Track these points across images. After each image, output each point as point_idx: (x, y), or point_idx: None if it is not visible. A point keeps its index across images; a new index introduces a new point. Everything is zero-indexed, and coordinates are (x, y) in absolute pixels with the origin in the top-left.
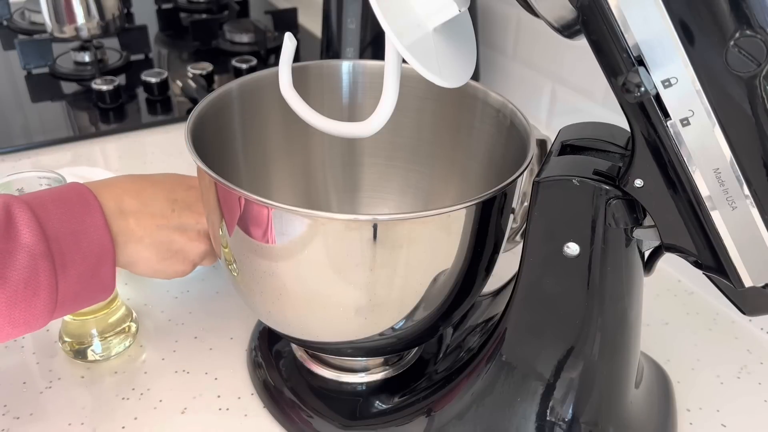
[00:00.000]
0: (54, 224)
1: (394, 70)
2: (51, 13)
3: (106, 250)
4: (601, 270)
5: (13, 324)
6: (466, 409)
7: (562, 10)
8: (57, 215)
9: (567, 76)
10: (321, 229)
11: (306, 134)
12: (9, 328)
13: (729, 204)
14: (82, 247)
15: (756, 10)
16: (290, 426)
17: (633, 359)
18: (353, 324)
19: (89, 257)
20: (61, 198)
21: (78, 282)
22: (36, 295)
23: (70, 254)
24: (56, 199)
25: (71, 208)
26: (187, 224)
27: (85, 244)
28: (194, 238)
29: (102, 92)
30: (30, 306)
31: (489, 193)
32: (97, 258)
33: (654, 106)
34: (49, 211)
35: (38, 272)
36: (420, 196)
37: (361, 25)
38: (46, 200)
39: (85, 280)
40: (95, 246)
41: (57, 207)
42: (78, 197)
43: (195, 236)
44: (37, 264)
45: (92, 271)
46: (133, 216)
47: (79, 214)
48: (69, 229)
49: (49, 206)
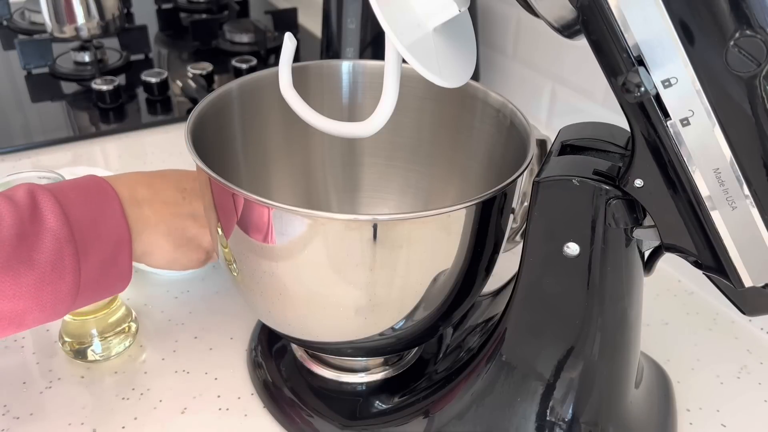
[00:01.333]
0: (75, 211)
1: (394, 70)
2: (51, 13)
3: (123, 238)
4: (601, 270)
5: (42, 307)
6: (466, 409)
7: (562, 10)
8: (78, 203)
9: (567, 76)
10: (321, 229)
11: (306, 134)
12: (38, 311)
13: (729, 204)
14: (101, 235)
15: (756, 10)
16: (290, 426)
17: (633, 359)
18: (353, 324)
19: (108, 244)
20: (81, 187)
21: (98, 268)
22: (62, 278)
23: (91, 240)
24: (76, 188)
25: (91, 196)
26: (198, 211)
27: (104, 231)
28: (206, 225)
29: (102, 92)
30: (57, 289)
31: (489, 193)
32: (115, 245)
33: (654, 106)
34: (70, 199)
35: (63, 256)
36: (420, 196)
37: (361, 25)
38: (67, 189)
39: (105, 267)
40: (113, 233)
41: (77, 195)
42: (96, 186)
43: (206, 222)
44: (62, 247)
45: (111, 258)
46: (147, 204)
47: (98, 202)
48: (89, 216)
49: (69, 194)
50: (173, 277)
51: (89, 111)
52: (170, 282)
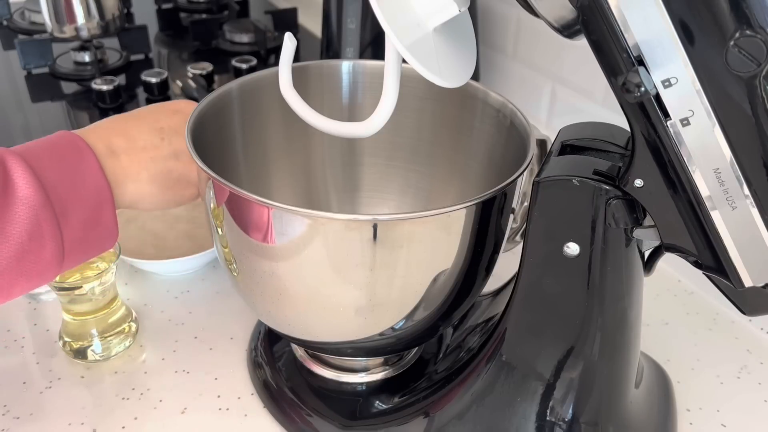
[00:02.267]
0: (49, 174)
1: (394, 70)
2: (51, 13)
3: (103, 194)
4: (601, 270)
5: (27, 277)
6: (466, 409)
7: (562, 10)
8: (51, 164)
9: (567, 76)
10: (321, 229)
11: (306, 134)
12: (24, 281)
13: (729, 204)
14: (80, 194)
15: (756, 10)
16: (290, 426)
17: (633, 359)
18: (353, 324)
19: (88, 203)
20: (53, 147)
21: (81, 229)
22: (42, 246)
23: (70, 201)
24: (48, 148)
25: (64, 155)
26: (180, 150)
27: (83, 190)
28: (191, 161)
29: (102, 92)
30: (38, 257)
31: (489, 193)
32: (95, 203)
33: (654, 106)
34: (43, 161)
35: (40, 223)
36: (420, 196)
37: (361, 25)
38: (38, 151)
39: (89, 226)
40: (93, 191)
41: (50, 156)
42: (69, 144)
43: (191, 159)
44: (39, 215)
45: (94, 216)
46: (124, 153)
47: (72, 161)
48: (65, 177)
49: (42, 156)
50: (173, 277)
51: (89, 111)
52: (170, 282)
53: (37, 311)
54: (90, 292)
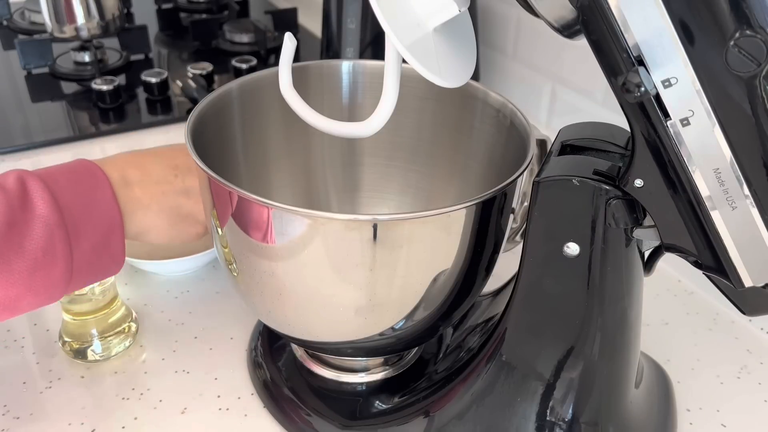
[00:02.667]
0: (66, 196)
1: (394, 70)
2: (51, 13)
3: (114, 221)
4: (601, 270)
5: (35, 292)
6: (465, 409)
7: (562, 10)
8: (68, 188)
9: (567, 76)
10: (321, 229)
11: (306, 134)
12: (31, 296)
13: (729, 204)
14: (93, 218)
15: (756, 10)
16: (290, 426)
17: (633, 359)
18: (353, 324)
19: (100, 228)
20: (71, 171)
21: (91, 252)
22: (54, 263)
23: (83, 225)
24: (66, 173)
25: (81, 180)
26: (191, 187)
27: (96, 215)
28: (201, 200)
29: (102, 92)
30: (49, 274)
31: (489, 193)
32: (106, 228)
33: (654, 106)
34: (60, 184)
35: (54, 241)
36: (420, 196)
37: (361, 25)
38: (56, 174)
39: (98, 250)
40: (105, 217)
41: (67, 180)
42: (86, 171)
43: (200, 197)
44: (53, 233)
45: (103, 241)
46: (137, 185)
47: (88, 187)
48: (80, 200)
49: (60, 179)
50: (173, 277)
51: (89, 111)
52: (170, 282)
53: (37, 311)
54: (90, 292)
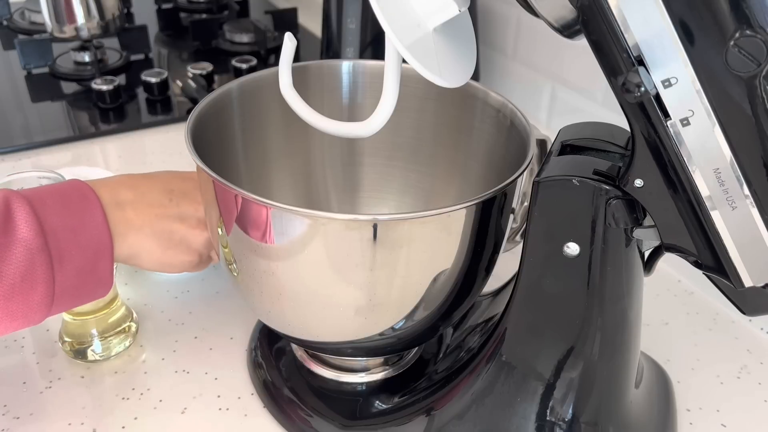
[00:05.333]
0: (52, 219)
1: (394, 70)
2: (51, 13)
3: (104, 245)
4: (601, 270)
5: (12, 317)
6: (466, 409)
7: (562, 10)
8: (55, 210)
9: (567, 76)
10: (321, 229)
11: (306, 134)
12: (8, 321)
13: (729, 204)
14: (80, 242)
15: (756, 10)
16: (290, 426)
17: (633, 359)
18: (353, 324)
19: (87, 252)
20: (60, 193)
21: (76, 276)
22: (33, 288)
23: (68, 249)
24: (55, 194)
25: (70, 203)
26: (186, 213)
27: (84, 238)
28: (195, 226)
29: (102, 92)
30: (27, 299)
31: (489, 193)
32: (94, 252)
33: (654, 106)
34: (48, 206)
35: (35, 266)
36: (420, 196)
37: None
38: (45, 196)
39: (83, 274)
40: (93, 240)
41: (55, 202)
42: (76, 193)
43: (195, 224)
44: (34, 258)
45: (90, 265)
46: (130, 206)
47: (77, 210)
48: (67, 224)
49: (47, 201)
50: (173, 277)
51: (89, 111)
52: (170, 282)
53: None
54: None
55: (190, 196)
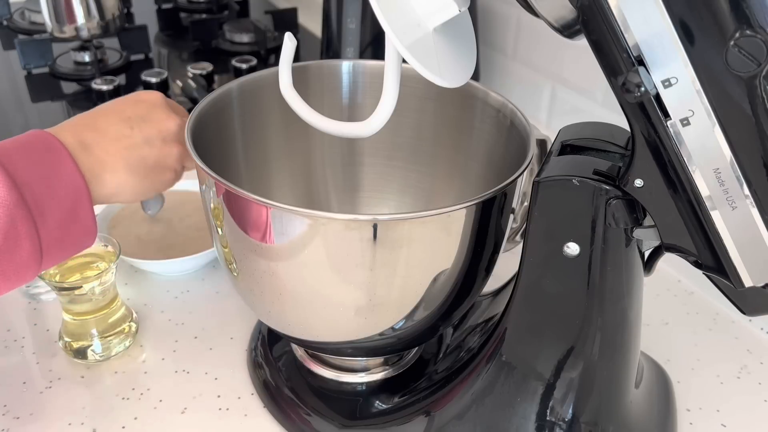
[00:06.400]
0: (23, 173)
1: (394, 70)
2: (51, 13)
3: (80, 191)
4: (601, 270)
5: (5, 277)
6: (466, 409)
7: (562, 10)
8: (25, 164)
9: (567, 76)
10: (321, 229)
11: (306, 134)
12: (2, 281)
13: (729, 204)
14: (56, 192)
15: (756, 10)
16: (290, 426)
17: (633, 359)
18: (353, 324)
19: (65, 200)
20: (26, 146)
21: (59, 227)
22: (18, 245)
23: (45, 200)
24: (21, 148)
25: (37, 153)
26: (150, 135)
27: (59, 187)
28: (162, 146)
29: (102, 92)
30: (15, 257)
31: (489, 193)
32: (72, 201)
33: (654, 106)
34: (16, 160)
35: (16, 222)
36: (420, 196)
37: (361, 25)
38: (12, 150)
39: (67, 224)
40: (69, 188)
41: (23, 155)
42: (41, 142)
43: (162, 144)
44: (13, 214)
45: (71, 214)
46: (96, 146)
47: (46, 159)
48: (39, 174)
49: (15, 156)
50: (173, 277)
51: None
52: (170, 282)
53: (37, 311)
54: (90, 292)
55: (147, 118)
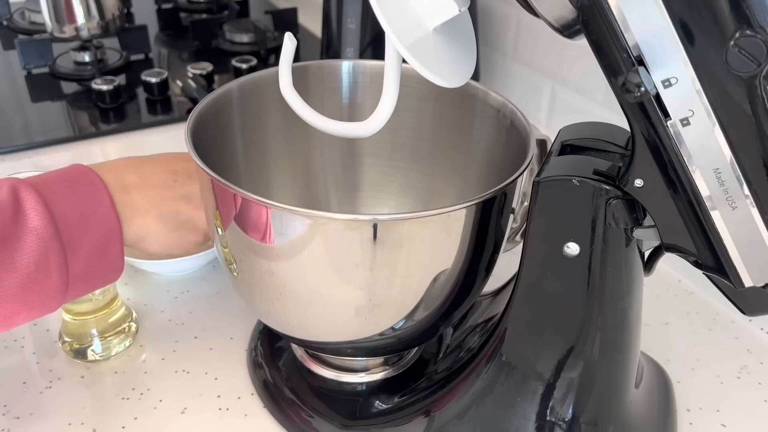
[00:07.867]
0: (60, 205)
1: (394, 70)
2: (51, 13)
3: (112, 228)
4: (601, 270)
5: (29, 307)
6: (466, 409)
7: (562, 10)
8: (63, 196)
9: (567, 76)
10: (321, 229)
11: (306, 134)
12: (26, 311)
13: (729, 204)
14: (89, 227)
15: (756, 10)
16: (290, 426)
17: (633, 359)
18: (353, 324)
19: (97, 236)
20: (66, 179)
21: (87, 262)
22: (48, 277)
23: (78, 234)
24: (61, 180)
25: (76, 188)
26: (191, 193)
27: (92, 223)
28: (200, 206)
29: (102, 92)
30: (43, 288)
31: (489, 193)
32: (104, 236)
33: (654, 106)
34: (55, 193)
35: (48, 254)
36: (420, 196)
37: (361, 25)
38: (52, 182)
39: (95, 259)
40: (102, 225)
41: (62, 188)
42: (82, 177)
43: (200, 204)
44: (47, 246)
45: (101, 250)
46: (135, 189)
47: (84, 194)
48: (75, 209)
49: (54, 188)
50: (173, 277)
51: (89, 111)
52: (170, 282)
53: None
54: None
55: (193, 176)
